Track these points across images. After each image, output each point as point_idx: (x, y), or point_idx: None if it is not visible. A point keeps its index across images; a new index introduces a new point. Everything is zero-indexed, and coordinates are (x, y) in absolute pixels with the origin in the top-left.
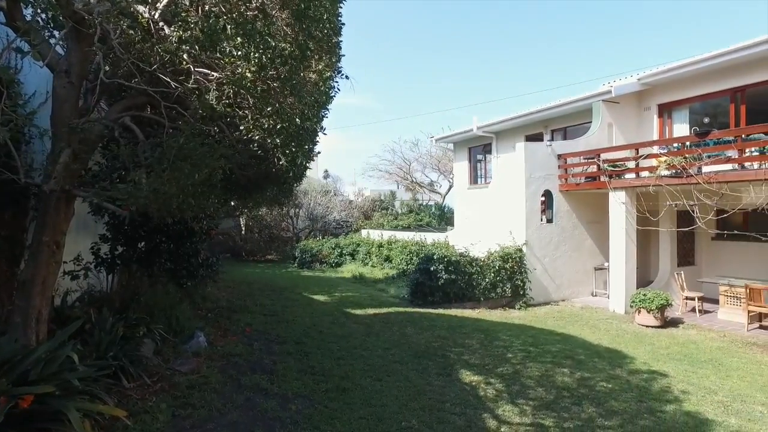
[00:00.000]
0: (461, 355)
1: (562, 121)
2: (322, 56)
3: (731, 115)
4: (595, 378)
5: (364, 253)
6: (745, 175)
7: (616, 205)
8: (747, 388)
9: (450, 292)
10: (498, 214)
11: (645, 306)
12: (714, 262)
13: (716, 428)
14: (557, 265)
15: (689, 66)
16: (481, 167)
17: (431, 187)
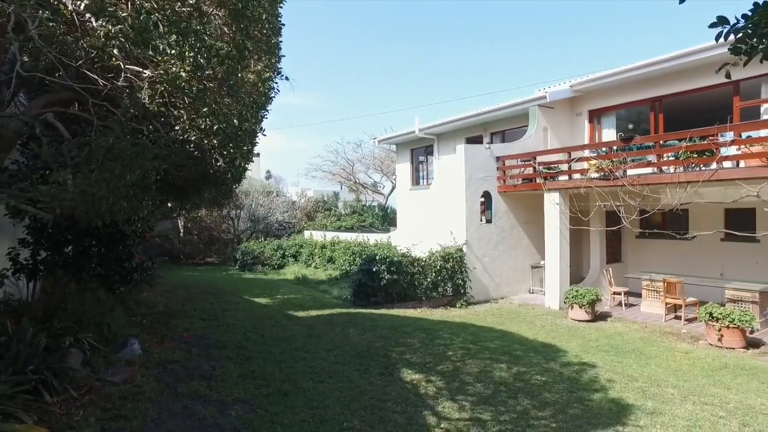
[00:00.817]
0: (403, 355)
1: (501, 125)
2: (261, 57)
3: (651, 122)
4: (531, 372)
5: (307, 254)
6: (663, 178)
7: (550, 206)
8: (662, 374)
9: (392, 293)
10: (439, 215)
11: (577, 301)
12: (638, 258)
13: (635, 412)
14: (496, 264)
15: (614, 76)
16: (423, 168)
17: (374, 187)
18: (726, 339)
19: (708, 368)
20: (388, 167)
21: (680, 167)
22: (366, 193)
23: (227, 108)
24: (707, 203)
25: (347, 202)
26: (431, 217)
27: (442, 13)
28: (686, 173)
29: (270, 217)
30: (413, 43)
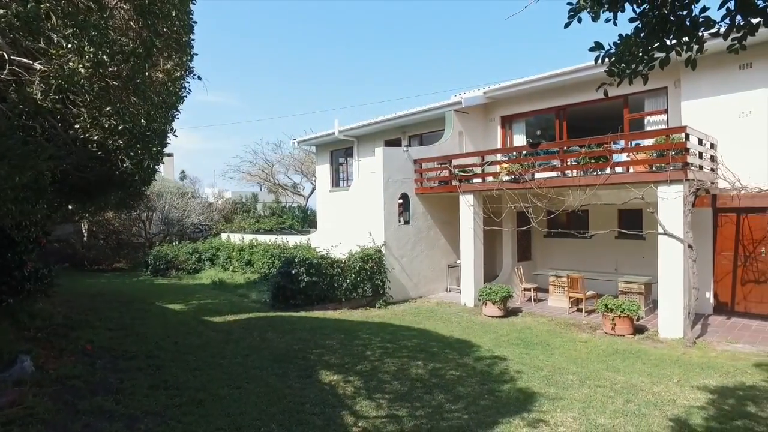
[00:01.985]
0: (322, 356)
1: (419, 128)
2: (172, 55)
3: (557, 129)
4: (446, 367)
5: (225, 257)
6: (566, 181)
7: (465, 207)
8: (565, 362)
9: (312, 295)
10: (358, 216)
11: (490, 298)
12: (546, 256)
13: (540, 399)
14: (414, 264)
15: (523, 85)
16: (343, 170)
17: (295, 189)
18: (618, 327)
19: (603, 354)
20: (308, 168)
21: (580, 171)
22: (286, 195)
23: (134, 107)
24: (603, 205)
25: (266, 203)
26: (351, 218)
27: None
28: (585, 177)
29: (185, 219)
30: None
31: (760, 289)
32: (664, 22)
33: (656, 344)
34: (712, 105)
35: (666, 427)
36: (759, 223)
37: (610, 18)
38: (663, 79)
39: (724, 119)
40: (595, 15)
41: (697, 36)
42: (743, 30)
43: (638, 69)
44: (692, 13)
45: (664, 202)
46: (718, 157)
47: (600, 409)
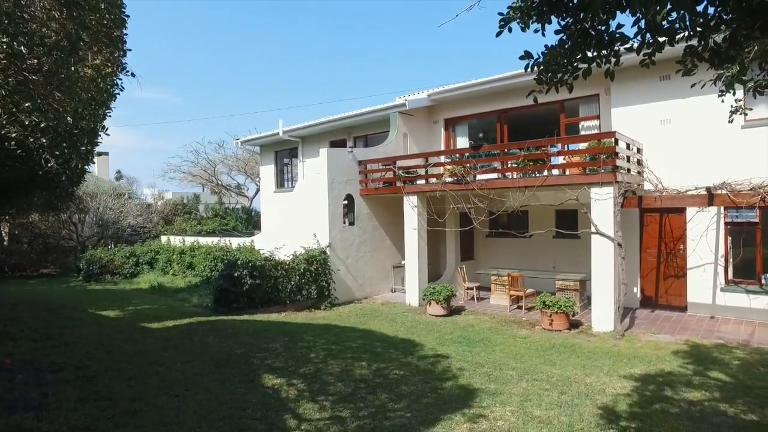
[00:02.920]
0: (265, 360)
1: (364, 129)
2: (102, 49)
3: (498, 132)
4: (390, 367)
5: (164, 260)
6: (506, 183)
7: (409, 208)
8: (505, 358)
9: (256, 298)
10: (303, 218)
11: (434, 298)
12: (488, 255)
13: (480, 394)
14: (360, 265)
15: (466, 88)
16: (288, 171)
17: (238, 190)
18: (555, 323)
19: (541, 349)
20: (252, 169)
21: (520, 173)
22: (229, 196)
23: (58, 104)
24: (542, 205)
25: (209, 204)
26: (295, 219)
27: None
28: (524, 179)
29: (122, 221)
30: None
31: (679, 283)
32: (585, 36)
33: (590, 338)
34: (638, 112)
35: (595, 415)
36: (678, 222)
37: (539, 29)
38: (595, 86)
39: (648, 126)
40: (525, 26)
41: (614, 50)
42: (652, 47)
43: (564, 78)
44: (609, 29)
45: (596, 203)
46: (644, 160)
47: (537, 402)
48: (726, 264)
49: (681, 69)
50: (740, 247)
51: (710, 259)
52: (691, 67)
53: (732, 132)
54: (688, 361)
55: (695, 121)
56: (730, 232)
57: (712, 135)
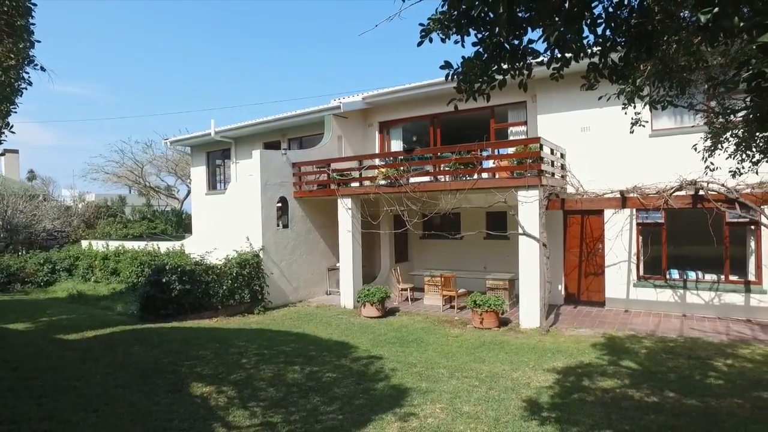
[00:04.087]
0: (194, 368)
1: (299, 131)
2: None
3: (431, 136)
4: (323, 370)
5: (85, 267)
6: (438, 186)
7: (343, 211)
8: (437, 357)
9: (185, 303)
10: (236, 220)
11: (369, 300)
12: (422, 257)
13: (412, 393)
14: (294, 268)
15: (400, 92)
16: (221, 172)
17: (169, 191)
18: (486, 321)
19: (471, 347)
20: (183, 170)
21: (452, 176)
22: (159, 198)
23: None
24: (473, 207)
25: (136, 207)
26: (228, 222)
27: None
28: (456, 182)
29: (35, 225)
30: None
31: (598, 281)
32: (500, 49)
33: (518, 334)
34: (562, 119)
35: (520, 408)
36: (597, 224)
37: (459, 41)
38: (522, 94)
39: (570, 132)
40: (445, 36)
41: (526, 63)
42: (560, 62)
43: (482, 88)
44: (522, 43)
45: (523, 206)
46: (567, 165)
47: (466, 398)
48: (638, 262)
49: (585, 83)
50: (649, 246)
51: (625, 257)
52: (593, 82)
53: (642, 140)
54: (604, 352)
55: (611, 130)
56: (641, 232)
57: (626, 143)
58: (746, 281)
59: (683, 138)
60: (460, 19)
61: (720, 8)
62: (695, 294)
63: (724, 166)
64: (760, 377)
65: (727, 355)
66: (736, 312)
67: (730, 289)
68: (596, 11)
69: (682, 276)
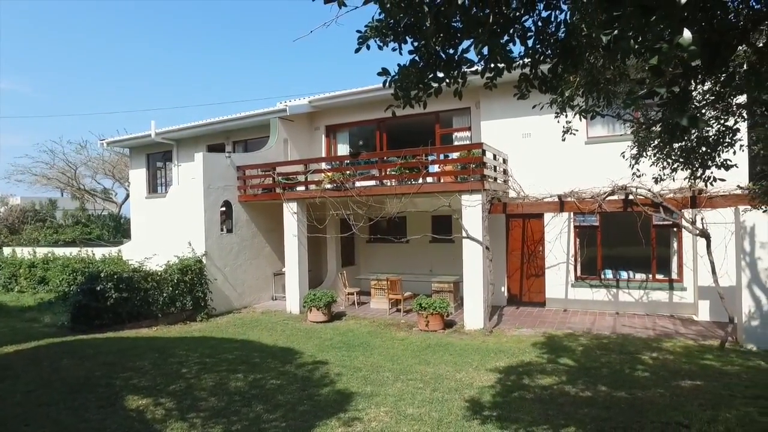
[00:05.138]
0: (130, 380)
1: (244, 134)
2: None
3: (377, 140)
4: (267, 377)
5: (8, 276)
6: (384, 190)
7: (289, 215)
8: (382, 361)
9: (122, 312)
10: (177, 225)
11: (315, 304)
12: (369, 261)
13: (357, 398)
14: (238, 274)
15: (347, 96)
16: (162, 175)
17: (106, 195)
18: (431, 324)
19: (417, 350)
20: (121, 173)
21: (397, 181)
22: (94, 201)
23: None
24: (418, 211)
25: (69, 211)
26: (169, 227)
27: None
28: (401, 186)
29: None
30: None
31: (539, 282)
32: (435, 57)
33: (462, 336)
34: (504, 126)
35: (463, 408)
36: (538, 227)
37: (396, 48)
38: (467, 100)
39: (512, 138)
40: (383, 44)
41: (461, 72)
42: (493, 71)
43: (419, 95)
44: (457, 52)
45: (467, 210)
46: (509, 170)
47: (410, 401)
48: (575, 263)
49: (517, 93)
50: (585, 248)
51: (563, 258)
52: (525, 92)
53: (578, 147)
54: (544, 351)
55: (550, 136)
56: (578, 234)
57: (564, 149)
58: (670, 279)
59: (615, 145)
60: (397, 28)
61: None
62: (627, 292)
63: (649, 173)
64: (679, 368)
65: (653, 349)
66: (661, 308)
67: (656, 287)
68: (527, 24)
69: (615, 276)
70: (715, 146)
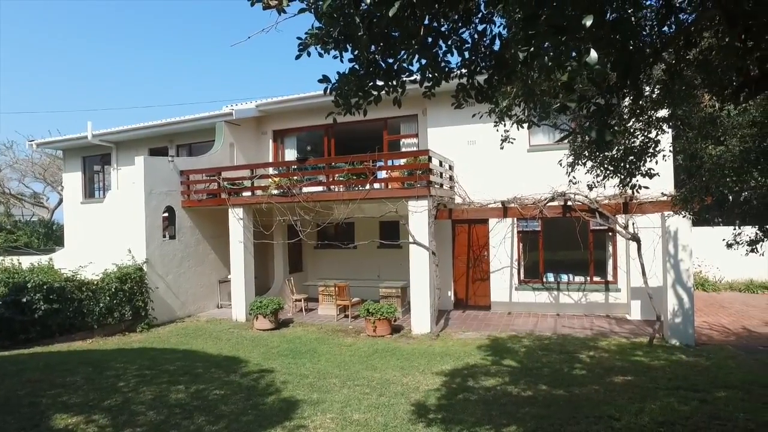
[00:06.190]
0: (59, 398)
1: (188, 137)
2: None
3: (325, 146)
4: (210, 387)
5: None
6: (332, 196)
7: (235, 221)
8: (330, 367)
9: (53, 325)
10: (116, 232)
11: (261, 312)
12: (317, 267)
13: (302, 405)
14: (182, 282)
15: (294, 101)
16: (99, 179)
17: (36, 199)
18: (379, 329)
19: (364, 355)
20: (54, 176)
21: (345, 187)
22: (22, 207)
23: None
24: (366, 217)
25: None
26: (107, 234)
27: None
28: (349, 192)
29: None
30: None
31: (484, 285)
32: (375, 66)
33: (410, 340)
34: (450, 133)
35: (408, 412)
36: (483, 232)
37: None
38: (414, 107)
39: (458, 145)
40: (324, 51)
41: (400, 81)
42: (432, 81)
43: (359, 102)
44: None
45: (414, 215)
46: (455, 176)
47: (356, 407)
48: (519, 267)
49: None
50: (528, 252)
51: (507, 263)
52: (462, 101)
53: (521, 154)
54: (488, 353)
55: (494, 144)
56: (522, 239)
57: (507, 156)
58: (606, 281)
59: (555, 153)
60: (338, 36)
61: (534, 48)
62: (567, 295)
63: (584, 180)
64: (612, 365)
65: (590, 347)
66: (598, 309)
67: (593, 289)
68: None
69: (556, 279)
70: (640, 156)
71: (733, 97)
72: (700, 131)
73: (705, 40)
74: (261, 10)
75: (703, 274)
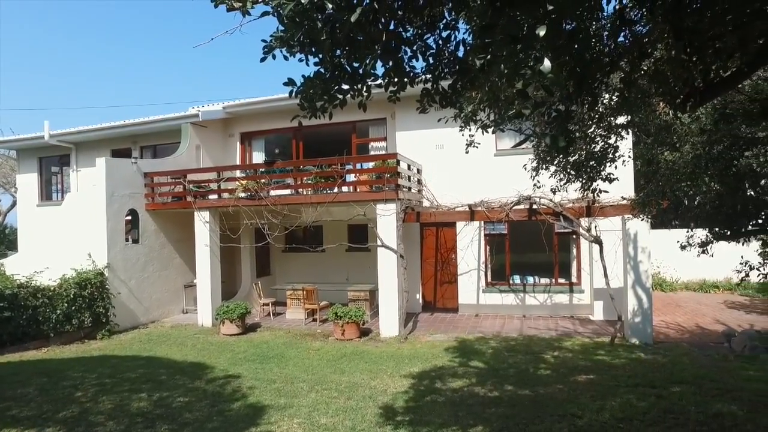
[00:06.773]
0: (8, 411)
1: (153, 139)
2: None
3: (293, 149)
4: (174, 395)
5: None
6: (300, 199)
7: (201, 224)
8: (297, 372)
9: (3, 334)
10: (76, 235)
11: (228, 316)
12: (285, 270)
13: (270, 411)
14: (145, 287)
15: (262, 103)
16: (58, 181)
17: None
18: (347, 332)
19: (332, 359)
20: (6, 177)
21: (313, 190)
22: None
23: None
24: (334, 220)
25: None
26: (66, 238)
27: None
28: (317, 195)
29: None
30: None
31: (452, 288)
32: (340, 70)
33: (378, 344)
34: (419, 137)
35: (376, 415)
36: (450, 235)
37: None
38: (383, 110)
39: (427, 149)
40: (290, 54)
41: (366, 84)
42: (397, 85)
43: (324, 106)
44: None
45: (382, 218)
46: (423, 180)
47: (324, 411)
48: (486, 269)
49: (419, 107)
50: (495, 255)
51: (475, 265)
52: (426, 106)
53: (488, 159)
54: (456, 355)
55: (462, 148)
56: (489, 242)
57: (475, 160)
58: (570, 283)
59: (521, 158)
60: (302, 39)
61: (491, 56)
62: (533, 296)
63: (549, 184)
64: (576, 364)
65: (555, 348)
66: (563, 310)
67: (558, 291)
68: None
69: (522, 281)
70: (600, 161)
71: (682, 106)
72: (656, 138)
73: (659, 50)
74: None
75: (661, 275)
